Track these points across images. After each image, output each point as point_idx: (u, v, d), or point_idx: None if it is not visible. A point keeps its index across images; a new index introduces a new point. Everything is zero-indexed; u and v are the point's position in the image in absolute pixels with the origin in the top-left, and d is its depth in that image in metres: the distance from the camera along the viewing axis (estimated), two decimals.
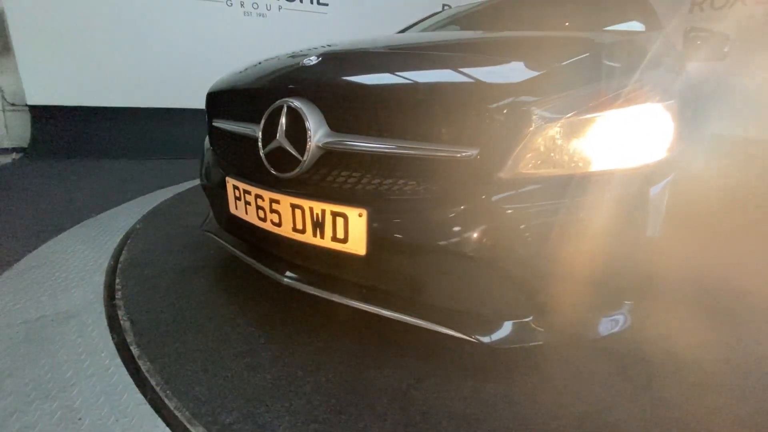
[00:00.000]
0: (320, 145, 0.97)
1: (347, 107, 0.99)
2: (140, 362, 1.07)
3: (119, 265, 1.61)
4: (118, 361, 1.07)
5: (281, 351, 1.14)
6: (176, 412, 0.91)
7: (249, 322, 1.27)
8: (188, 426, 0.88)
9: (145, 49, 4.23)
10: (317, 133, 0.97)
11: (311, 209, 0.96)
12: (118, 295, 1.41)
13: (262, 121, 1.06)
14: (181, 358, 1.10)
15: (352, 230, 0.92)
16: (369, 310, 0.98)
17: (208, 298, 1.41)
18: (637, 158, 0.88)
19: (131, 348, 1.12)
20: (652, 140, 0.90)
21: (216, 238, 1.39)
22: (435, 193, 0.87)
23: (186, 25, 4.37)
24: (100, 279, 1.49)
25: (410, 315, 0.94)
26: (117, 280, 1.49)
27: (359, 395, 0.98)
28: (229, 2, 4.54)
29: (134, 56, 4.20)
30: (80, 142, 3.97)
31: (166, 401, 0.94)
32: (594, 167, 0.85)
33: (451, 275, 0.91)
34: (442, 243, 0.86)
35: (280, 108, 1.02)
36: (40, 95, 3.90)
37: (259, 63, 1.39)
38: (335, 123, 0.99)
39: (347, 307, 1.02)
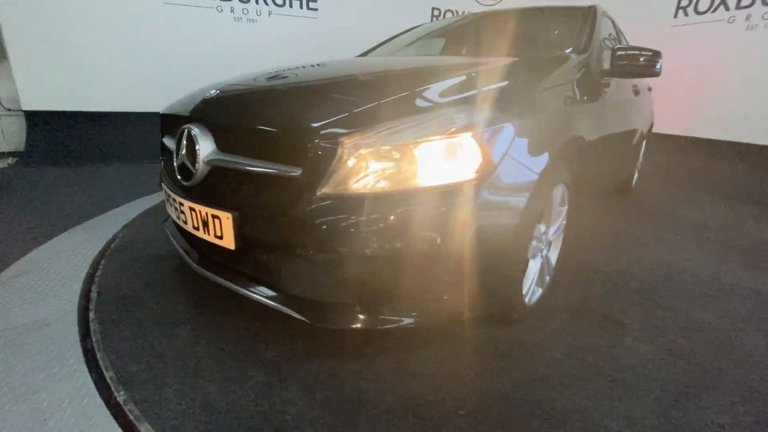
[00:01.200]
0: (206, 161, 1.22)
1: (227, 132, 1.24)
2: (106, 373, 1.19)
3: (106, 252, 1.88)
4: (84, 367, 1.19)
5: (198, 326, 1.39)
6: (105, 371, 1.18)
7: (185, 302, 1.54)
8: (108, 380, 1.13)
9: (138, 55, 4.33)
10: (205, 152, 1.23)
11: (200, 211, 1.20)
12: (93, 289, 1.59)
13: (176, 140, 1.33)
14: (120, 323, 1.40)
15: (224, 229, 1.15)
16: (240, 293, 1.22)
17: (165, 280, 1.69)
18: (441, 179, 1.03)
19: (98, 357, 1.24)
20: (457, 165, 1.05)
21: (167, 231, 1.65)
22: (275, 203, 1.07)
23: (177, 31, 4.46)
24: (77, 287, 1.61)
25: (268, 298, 1.16)
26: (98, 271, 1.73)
27: (240, 363, 1.22)
28: (219, 8, 4.62)
29: (127, 62, 4.30)
30: (75, 146, 4.09)
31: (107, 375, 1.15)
32: (398, 187, 1.02)
33: (293, 269, 1.11)
34: (279, 243, 1.08)
35: (184, 131, 1.29)
36: (35, 101, 4.01)
37: (193, 91, 1.60)
38: (222, 144, 1.24)
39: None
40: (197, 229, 1.24)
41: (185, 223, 1.30)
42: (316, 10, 5.17)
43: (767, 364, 1.29)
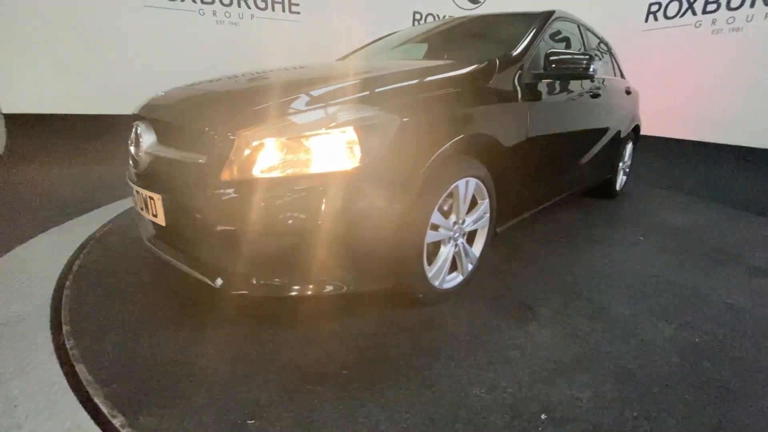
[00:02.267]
0: (147, 152, 1.45)
1: (164, 128, 1.46)
2: (64, 327, 1.38)
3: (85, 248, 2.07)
4: (54, 358, 1.28)
5: (150, 294, 1.66)
6: (63, 325, 1.43)
7: (148, 275, 1.81)
8: (63, 333, 1.36)
9: (119, 58, 4.41)
10: (146, 144, 1.46)
11: (143, 194, 1.43)
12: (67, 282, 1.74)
13: (131, 134, 1.58)
14: (87, 293, 1.65)
15: (158, 209, 1.37)
16: (170, 262, 1.43)
17: (136, 259, 1.97)
18: (325, 168, 1.18)
19: (67, 347, 1.34)
20: (340, 155, 1.20)
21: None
22: (189, 186, 1.26)
23: (159, 34, 4.54)
24: (51, 285, 1.71)
25: (191, 267, 1.35)
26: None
27: (174, 325, 1.45)
28: (201, 11, 4.71)
29: (107, 65, 4.37)
30: (55, 148, 4.15)
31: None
32: (287, 173, 1.18)
33: (205, 241, 1.27)
34: (191, 219, 1.27)
35: (134, 127, 1.54)
36: (15, 103, 4.07)
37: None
38: (161, 138, 1.46)
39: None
40: (143, 209, 1.47)
41: (136, 204, 1.54)
42: (299, 13, 5.25)
43: (656, 352, 1.41)
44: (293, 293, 1.27)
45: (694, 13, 4.74)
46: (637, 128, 3.62)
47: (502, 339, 1.44)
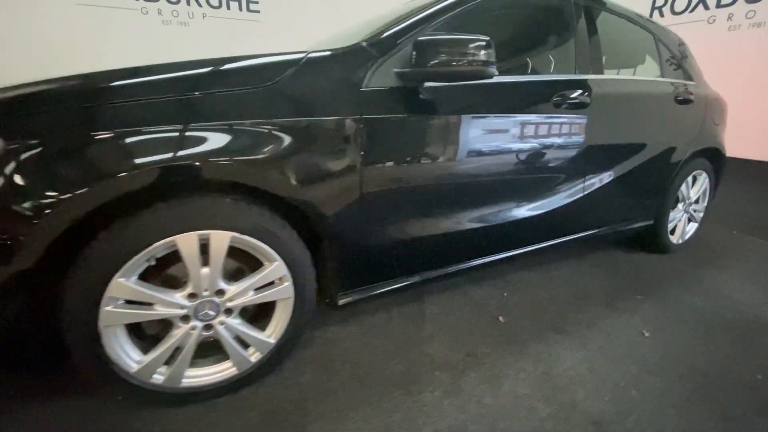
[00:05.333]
0: None
1: None
2: None
3: None
4: None
5: None
6: None
7: None
8: None
9: (54, 61, 4.09)
10: None
11: None
12: None
13: None
14: None
15: None
16: None
17: None
18: None
19: None
20: None
21: None
22: None
23: (97, 35, 4.21)
24: None
25: None
26: None
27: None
28: (144, 10, 4.34)
29: (43, 70, 4.05)
30: None
31: None
32: None
33: None
34: None
35: None
36: None
37: None
38: None
39: None
40: None
41: None
42: (258, 12, 4.84)
43: None
44: None
45: (706, 7, 4.00)
46: (713, 153, 2.38)
47: None
